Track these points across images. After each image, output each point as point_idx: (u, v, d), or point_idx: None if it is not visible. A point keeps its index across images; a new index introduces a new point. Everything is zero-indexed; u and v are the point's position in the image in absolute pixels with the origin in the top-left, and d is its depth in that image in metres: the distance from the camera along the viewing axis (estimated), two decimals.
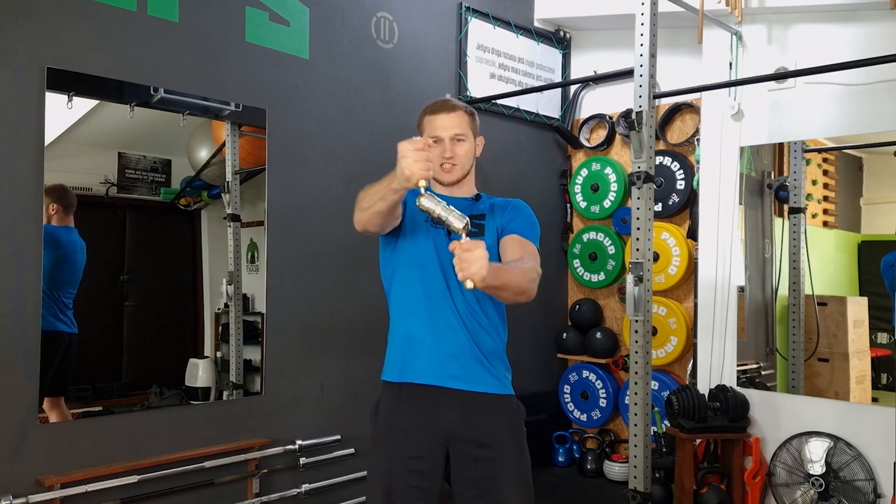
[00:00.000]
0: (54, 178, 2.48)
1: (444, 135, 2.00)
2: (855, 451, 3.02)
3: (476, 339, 1.96)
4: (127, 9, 2.61)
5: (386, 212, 1.82)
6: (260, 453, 2.93)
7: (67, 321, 2.56)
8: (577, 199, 4.34)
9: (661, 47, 2.94)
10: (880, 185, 3.61)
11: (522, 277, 1.82)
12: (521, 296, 1.83)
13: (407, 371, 1.97)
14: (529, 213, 2.07)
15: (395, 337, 2.04)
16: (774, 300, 3.59)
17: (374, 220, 1.85)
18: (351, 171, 3.30)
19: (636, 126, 2.84)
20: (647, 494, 2.83)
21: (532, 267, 1.87)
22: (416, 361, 1.96)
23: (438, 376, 1.94)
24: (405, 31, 3.55)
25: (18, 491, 2.34)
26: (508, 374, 2.05)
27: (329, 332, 3.22)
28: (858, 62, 2.78)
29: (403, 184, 1.69)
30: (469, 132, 2.04)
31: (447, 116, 2.02)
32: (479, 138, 2.09)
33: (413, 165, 1.64)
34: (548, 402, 4.30)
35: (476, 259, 1.60)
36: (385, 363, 2.06)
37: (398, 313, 2.04)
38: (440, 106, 2.05)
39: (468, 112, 2.06)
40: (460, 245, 1.62)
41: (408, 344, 1.98)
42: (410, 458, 1.95)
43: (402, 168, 1.66)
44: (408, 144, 1.67)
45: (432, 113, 2.04)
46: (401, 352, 2.00)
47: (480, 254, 1.60)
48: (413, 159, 1.64)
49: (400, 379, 1.99)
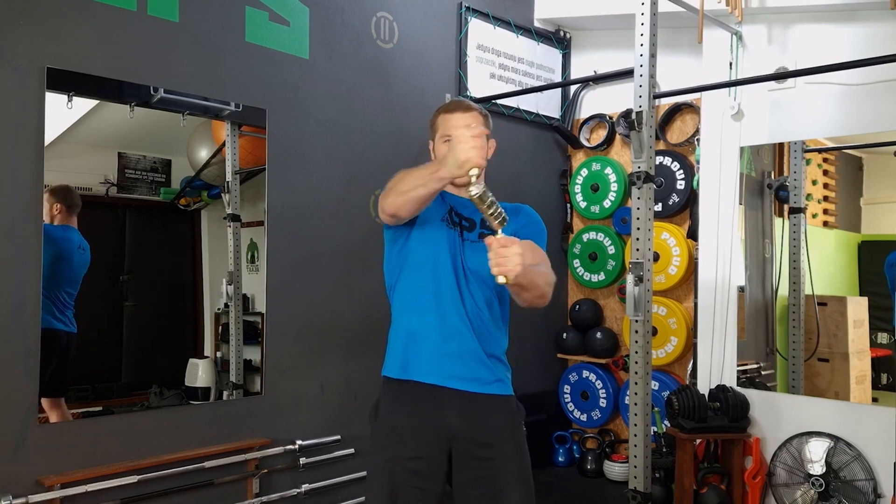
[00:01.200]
0: (54, 177, 2.48)
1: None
2: (855, 451, 3.02)
3: (481, 340, 1.97)
4: (127, 9, 2.61)
5: (425, 199, 1.82)
6: (260, 453, 2.93)
7: (66, 320, 2.56)
8: (577, 199, 4.34)
9: (661, 47, 2.94)
10: (880, 185, 3.61)
11: (545, 282, 1.87)
12: (540, 299, 1.87)
13: (409, 369, 1.97)
14: (540, 220, 2.10)
15: (398, 333, 2.03)
16: (774, 300, 3.59)
17: (410, 206, 1.84)
18: (351, 171, 3.30)
19: (636, 126, 2.84)
20: (647, 494, 2.83)
21: (551, 274, 1.92)
22: (420, 359, 1.96)
23: (441, 376, 1.94)
24: (405, 31, 3.55)
25: (18, 491, 2.34)
26: (509, 375, 2.05)
27: (329, 332, 3.22)
28: (858, 62, 2.78)
29: (454, 171, 1.69)
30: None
31: (463, 116, 2.02)
32: (492, 141, 2.08)
33: (470, 151, 1.65)
34: (548, 402, 4.30)
35: (513, 254, 1.62)
36: (386, 359, 2.06)
37: (404, 309, 2.03)
38: (456, 105, 2.07)
39: (482, 113, 2.08)
40: (497, 240, 1.64)
41: (412, 341, 1.98)
42: (411, 459, 1.95)
43: (457, 153, 1.66)
44: (466, 131, 1.67)
45: (448, 112, 2.05)
46: (404, 349, 1.99)
47: (517, 250, 1.63)
48: (471, 145, 1.65)
49: (402, 376, 1.98)
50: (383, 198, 1.89)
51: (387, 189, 1.89)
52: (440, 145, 2.04)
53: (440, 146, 2.04)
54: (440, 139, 2.04)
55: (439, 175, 1.74)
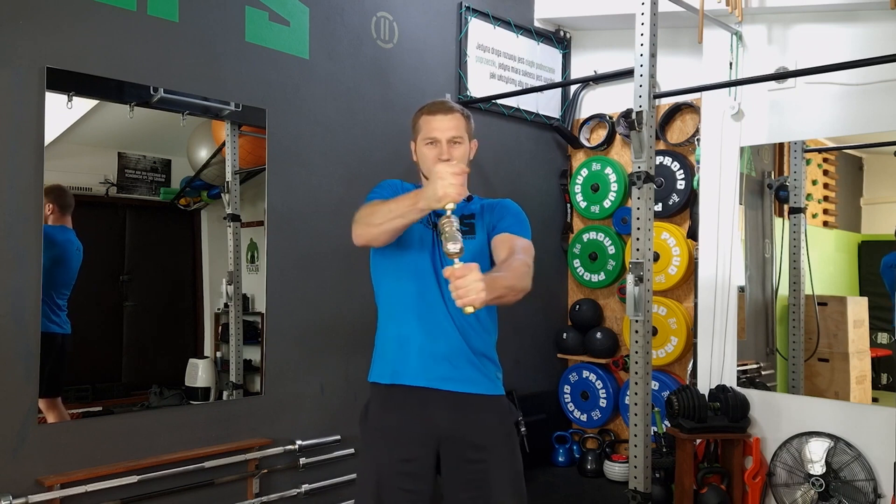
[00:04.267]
0: (54, 178, 2.48)
1: (442, 136, 2.00)
2: (855, 451, 3.02)
3: (468, 339, 1.96)
4: (127, 9, 2.61)
5: (402, 229, 1.83)
6: (260, 453, 2.93)
7: (60, 322, 2.55)
8: (577, 199, 4.34)
9: (661, 47, 2.94)
10: (880, 185, 3.61)
11: (516, 278, 1.82)
12: (519, 294, 1.84)
13: (398, 374, 1.97)
14: (518, 210, 2.08)
15: (385, 338, 2.03)
16: (774, 300, 3.59)
17: (385, 236, 1.84)
18: (351, 171, 3.30)
19: (636, 126, 2.84)
20: (647, 494, 2.83)
21: (523, 261, 1.88)
22: (408, 363, 1.96)
23: (429, 378, 1.94)
24: (405, 31, 3.55)
25: (18, 491, 2.34)
26: (500, 374, 2.05)
27: (329, 332, 3.22)
28: (858, 62, 2.78)
29: (433, 204, 1.70)
30: (465, 135, 2.04)
31: (445, 118, 2.01)
32: (474, 141, 2.09)
33: (449, 188, 1.66)
34: (548, 402, 4.30)
35: (471, 284, 1.60)
36: (373, 365, 2.06)
37: (389, 314, 2.03)
38: (438, 107, 2.04)
39: (465, 115, 2.06)
40: (454, 271, 1.62)
41: (398, 346, 1.98)
42: (401, 461, 1.94)
43: (436, 189, 1.67)
44: (446, 167, 1.69)
45: (430, 113, 2.04)
46: (392, 354, 1.99)
47: (475, 277, 1.60)
48: (450, 182, 1.66)
49: (391, 381, 1.98)
50: (355, 228, 1.88)
51: (357, 219, 1.88)
52: (422, 147, 2.04)
53: (422, 148, 2.04)
54: (422, 141, 2.04)
55: (419, 207, 1.74)
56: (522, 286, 1.83)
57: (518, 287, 1.81)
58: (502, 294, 1.75)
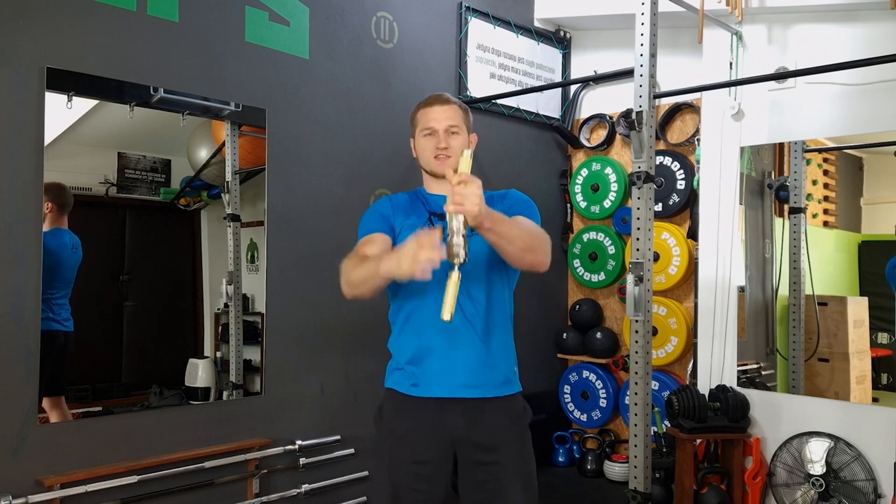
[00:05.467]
0: (54, 178, 2.48)
1: (439, 126, 2.01)
2: (855, 451, 3.02)
3: (485, 338, 1.95)
4: (127, 9, 2.61)
5: (382, 287, 1.82)
6: (260, 453, 2.93)
7: (61, 320, 2.55)
8: (577, 199, 4.34)
9: (661, 47, 2.94)
10: (880, 185, 3.60)
11: (527, 234, 1.82)
12: (528, 253, 1.82)
13: (418, 386, 1.96)
14: (526, 198, 2.10)
15: (403, 350, 2.01)
16: (774, 300, 3.59)
17: (368, 294, 1.84)
18: (351, 171, 3.30)
19: (636, 126, 2.84)
20: (647, 494, 2.82)
21: (539, 229, 1.88)
22: (428, 375, 1.95)
23: (450, 388, 1.94)
24: (405, 30, 3.55)
25: (18, 491, 2.34)
26: (516, 369, 2.05)
27: (329, 332, 3.22)
28: (858, 62, 2.78)
29: (398, 275, 1.65)
30: (463, 126, 2.05)
31: (441, 109, 2.03)
32: (473, 135, 2.09)
33: (414, 266, 1.58)
34: (548, 402, 4.30)
35: (471, 193, 1.60)
36: (391, 374, 2.04)
37: (406, 326, 2.01)
38: (434, 99, 2.07)
39: (462, 107, 2.08)
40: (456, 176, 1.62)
41: (418, 358, 1.97)
42: (415, 463, 1.95)
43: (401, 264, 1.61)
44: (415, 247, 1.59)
45: (427, 105, 2.06)
46: (412, 367, 1.97)
47: (475, 190, 1.61)
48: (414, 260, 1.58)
49: (409, 393, 1.97)
50: (342, 282, 1.88)
51: (342, 273, 1.88)
52: (420, 139, 2.06)
53: (420, 140, 2.06)
54: (420, 133, 2.05)
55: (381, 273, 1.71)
56: (532, 245, 1.82)
57: (526, 242, 1.80)
58: (503, 233, 1.74)
